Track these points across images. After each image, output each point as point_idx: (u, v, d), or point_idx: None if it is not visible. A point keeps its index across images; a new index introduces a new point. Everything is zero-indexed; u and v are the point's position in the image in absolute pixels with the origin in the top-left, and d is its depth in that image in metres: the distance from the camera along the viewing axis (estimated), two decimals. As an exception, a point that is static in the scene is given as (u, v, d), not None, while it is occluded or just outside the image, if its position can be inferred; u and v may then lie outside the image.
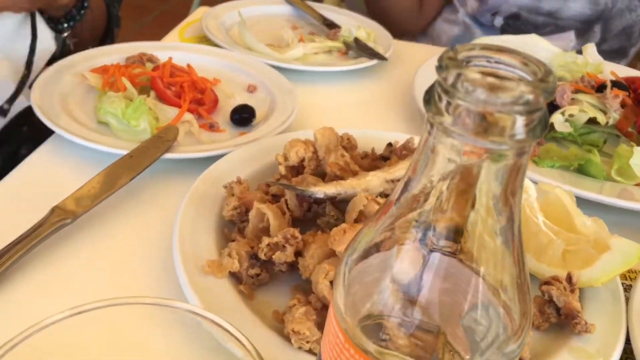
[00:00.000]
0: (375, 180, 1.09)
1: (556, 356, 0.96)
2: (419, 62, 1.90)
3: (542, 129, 0.47)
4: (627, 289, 1.19)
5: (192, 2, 3.36)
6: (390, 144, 1.33)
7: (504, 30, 2.26)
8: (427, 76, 1.80)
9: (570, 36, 2.18)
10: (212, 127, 1.46)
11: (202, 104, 1.49)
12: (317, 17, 2.21)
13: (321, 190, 1.07)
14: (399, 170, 1.11)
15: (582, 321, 0.98)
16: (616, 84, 1.67)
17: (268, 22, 2.22)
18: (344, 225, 1.00)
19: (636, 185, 1.45)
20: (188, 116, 1.42)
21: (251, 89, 1.68)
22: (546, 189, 1.18)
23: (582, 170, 1.48)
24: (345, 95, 1.86)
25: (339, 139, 1.27)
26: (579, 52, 1.96)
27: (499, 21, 2.17)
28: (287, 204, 1.11)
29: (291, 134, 1.41)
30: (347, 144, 1.35)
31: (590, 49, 1.91)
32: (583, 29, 2.18)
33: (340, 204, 1.10)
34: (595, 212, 1.44)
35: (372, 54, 1.96)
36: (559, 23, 2.18)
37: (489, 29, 2.34)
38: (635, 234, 1.39)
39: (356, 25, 2.12)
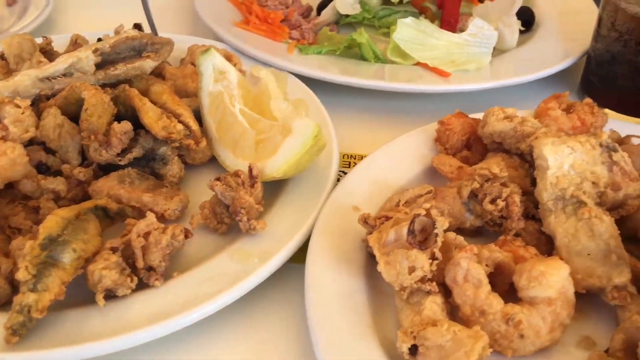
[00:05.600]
0: (25, 79, 0.93)
1: (213, 258, 0.83)
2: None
3: None
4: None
5: None
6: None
7: None
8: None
9: None
10: None
11: None
12: None
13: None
14: (56, 65, 0.94)
15: (243, 218, 0.85)
16: (413, -47, 1.47)
17: None
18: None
19: (415, 65, 1.28)
20: None
21: (10, 2, 1.49)
22: (254, 73, 1.02)
23: (361, 54, 1.31)
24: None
25: (35, 45, 1.10)
26: None
27: None
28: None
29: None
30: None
31: None
32: None
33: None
34: (376, 100, 1.29)
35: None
36: None
37: None
38: (415, 117, 1.24)
39: None
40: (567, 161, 0.81)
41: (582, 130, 1.00)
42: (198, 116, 1.02)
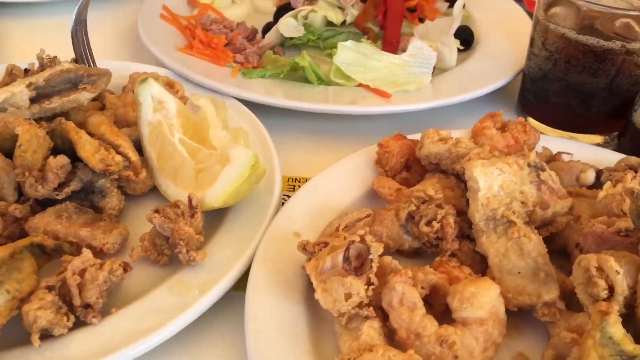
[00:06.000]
0: (-43, 116, 0.92)
1: (152, 292, 0.83)
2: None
3: None
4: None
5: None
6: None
7: None
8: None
9: None
10: None
11: None
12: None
13: None
14: (4, 93, 0.93)
15: (183, 250, 0.85)
16: (354, -24, 1.50)
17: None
18: None
19: (358, 86, 1.30)
20: None
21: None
22: (194, 102, 1.02)
23: (306, 77, 1.32)
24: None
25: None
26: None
27: None
28: None
29: None
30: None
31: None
32: None
33: None
34: (320, 122, 1.31)
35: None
36: None
37: None
38: (360, 138, 1.25)
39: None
40: (496, 182, 0.84)
41: (516, 148, 1.03)
42: (139, 146, 1.02)
